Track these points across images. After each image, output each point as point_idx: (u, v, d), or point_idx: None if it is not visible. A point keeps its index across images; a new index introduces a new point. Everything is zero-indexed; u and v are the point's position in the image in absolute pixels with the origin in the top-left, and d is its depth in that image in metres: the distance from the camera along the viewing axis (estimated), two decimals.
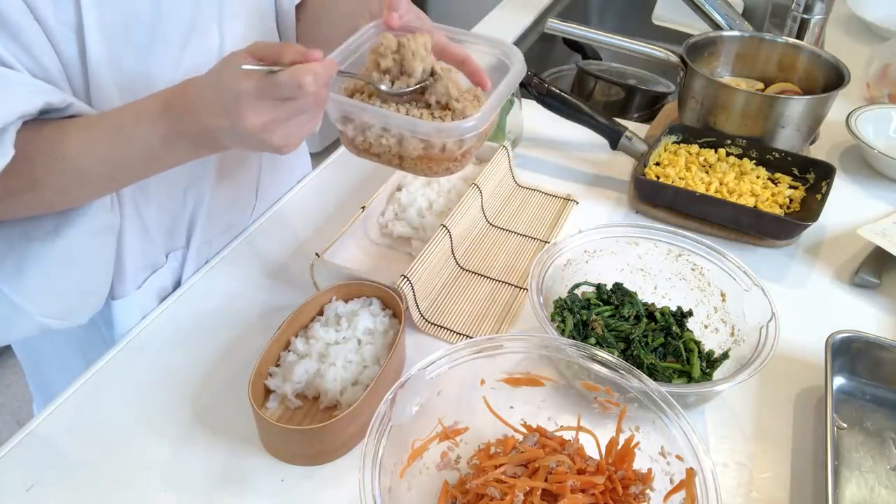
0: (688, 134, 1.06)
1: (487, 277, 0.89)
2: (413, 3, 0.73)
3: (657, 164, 1.03)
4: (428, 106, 0.67)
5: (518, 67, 0.69)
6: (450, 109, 0.67)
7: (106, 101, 0.69)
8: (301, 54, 0.57)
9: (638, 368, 0.62)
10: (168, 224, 0.86)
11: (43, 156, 0.63)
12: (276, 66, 0.57)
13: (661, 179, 0.99)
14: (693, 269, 0.80)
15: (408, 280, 0.78)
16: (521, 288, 0.87)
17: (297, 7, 0.91)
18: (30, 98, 0.61)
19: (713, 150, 1.04)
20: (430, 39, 0.67)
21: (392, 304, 0.78)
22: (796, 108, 1.00)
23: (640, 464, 0.60)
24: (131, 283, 0.83)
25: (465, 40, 0.73)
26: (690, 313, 0.79)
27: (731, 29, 1.22)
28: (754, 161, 1.03)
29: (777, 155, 1.01)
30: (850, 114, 1.12)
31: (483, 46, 0.73)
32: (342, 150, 1.15)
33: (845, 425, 0.72)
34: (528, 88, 1.05)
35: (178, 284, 0.90)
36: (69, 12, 0.64)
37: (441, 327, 0.81)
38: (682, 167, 1.01)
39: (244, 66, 0.56)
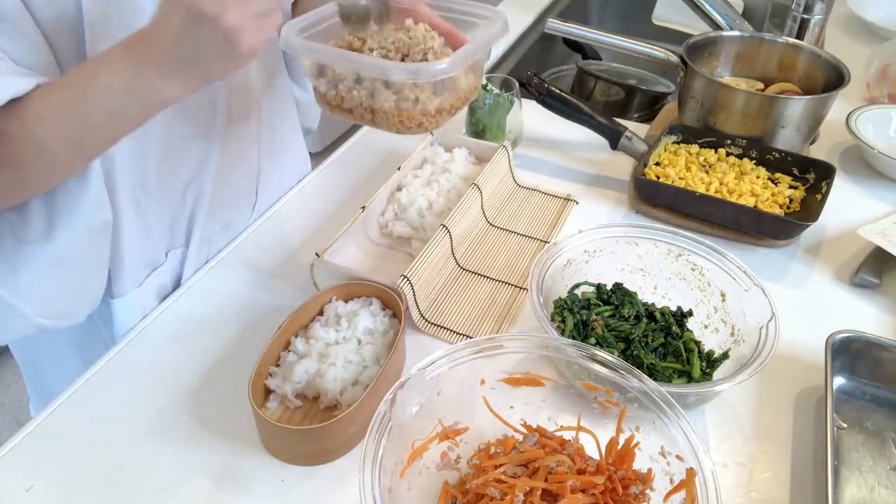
0: (688, 134, 1.06)
1: (487, 277, 0.89)
2: None
3: (657, 164, 1.03)
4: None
5: (499, 25, 0.68)
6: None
7: None
8: None
9: (638, 368, 0.62)
10: (168, 221, 0.86)
11: (15, 129, 0.61)
12: None
13: (661, 179, 0.99)
14: (693, 269, 0.80)
15: (408, 280, 0.78)
16: (521, 288, 0.87)
17: (293, 7, 0.92)
18: (24, 81, 0.60)
19: (713, 150, 1.04)
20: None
21: (392, 304, 0.78)
22: (796, 108, 1.00)
23: (640, 464, 0.60)
24: (131, 282, 0.83)
25: (450, 6, 0.72)
26: (690, 313, 0.79)
27: (731, 29, 1.22)
28: (754, 161, 1.03)
29: (777, 155, 1.01)
30: (850, 114, 1.12)
31: (467, 12, 0.72)
32: (342, 150, 1.15)
33: (845, 425, 0.72)
34: (528, 88, 1.05)
35: (178, 283, 0.90)
36: (70, 9, 0.64)
37: (441, 327, 0.81)
38: (682, 167, 1.01)
39: None
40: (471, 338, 0.80)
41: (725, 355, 0.74)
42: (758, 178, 0.99)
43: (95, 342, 0.87)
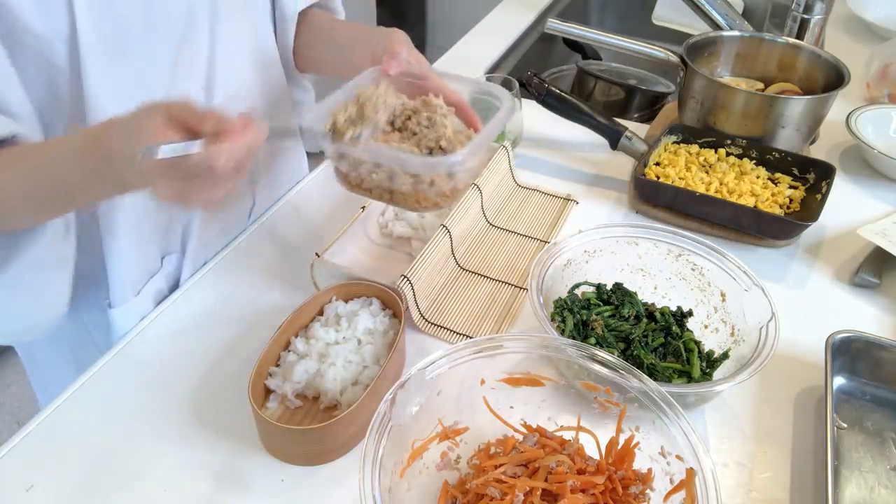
0: (688, 134, 1.06)
1: (487, 277, 0.89)
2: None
3: (657, 164, 1.03)
4: (419, 146, 0.70)
5: (507, 107, 0.74)
6: (441, 149, 0.69)
7: (102, 113, 0.69)
8: (222, 124, 0.55)
9: (638, 368, 0.62)
10: (162, 232, 0.86)
11: None
12: (195, 136, 0.55)
13: (661, 179, 0.99)
14: (693, 269, 0.80)
15: (408, 280, 0.78)
16: (521, 288, 0.87)
17: (300, 18, 0.91)
18: None
19: (713, 150, 1.04)
20: (391, 90, 0.71)
21: (392, 304, 0.78)
22: (796, 108, 1.00)
23: (640, 464, 0.60)
24: (130, 291, 0.83)
25: (457, 83, 0.77)
26: (690, 313, 0.79)
27: (731, 29, 1.22)
28: (754, 161, 1.03)
29: (777, 155, 1.01)
30: (850, 114, 1.13)
31: (472, 89, 0.78)
32: None
33: (845, 425, 0.72)
34: (528, 88, 1.05)
35: (175, 288, 0.89)
36: (63, 22, 0.64)
37: (441, 327, 0.81)
38: (682, 167, 1.01)
39: (160, 153, 0.53)
40: (471, 338, 0.80)
41: (725, 355, 0.74)
42: (758, 178, 0.99)
43: (90, 350, 0.87)
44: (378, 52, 0.79)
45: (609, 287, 0.81)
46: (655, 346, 0.76)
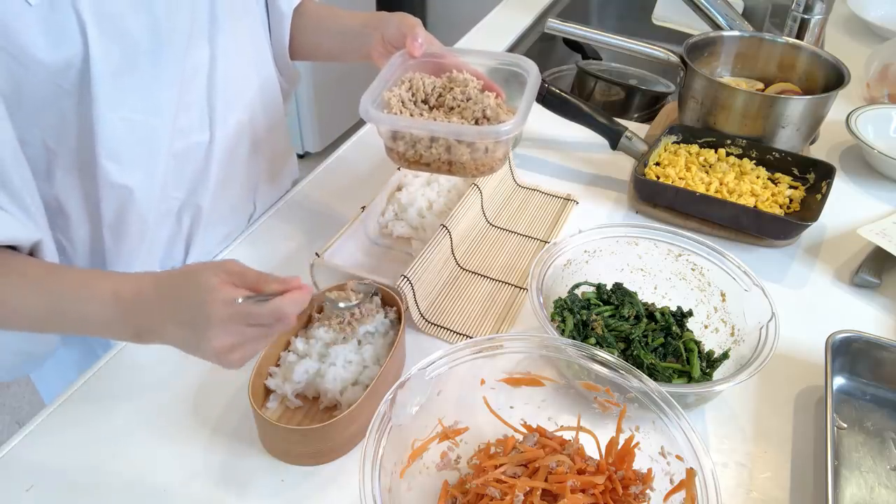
0: (688, 134, 1.06)
1: (487, 277, 0.89)
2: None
3: (657, 164, 1.03)
4: (464, 118, 0.74)
5: (534, 72, 0.78)
6: (486, 118, 0.74)
7: (111, 134, 0.70)
8: (282, 283, 0.58)
9: (638, 368, 0.62)
10: (166, 246, 0.86)
11: None
12: (258, 294, 0.57)
13: (661, 179, 0.99)
14: (693, 269, 0.80)
15: (408, 280, 0.78)
16: (521, 288, 0.87)
17: (295, 11, 0.91)
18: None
19: (713, 150, 1.04)
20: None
21: (392, 304, 0.78)
22: (796, 108, 1.00)
23: (640, 464, 0.60)
24: None
25: (475, 57, 0.81)
26: (690, 313, 0.79)
27: (731, 29, 1.22)
28: (754, 161, 1.03)
29: (777, 155, 1.01)
30: (850, 114, 1.13)
31: (489, 62, 0.81)
32: (342, 150, 1.15)
33: (845, 425, 0.72)
34: None
35: None
36: (76, 50, 0.64)
37: (441, 327, 0.81)
38: (682, 167, 1.01)
39: (241, 301, 0.55)
40: (471, 338, 0.80)
41: (725, 355, 0.74)
42: (758, 178, 0.99)
43: (89, 355, 0.87)
44: (389, 36, 0.81)
45: (609, 287, 0.81)
46: (655, 346, 0.76)
